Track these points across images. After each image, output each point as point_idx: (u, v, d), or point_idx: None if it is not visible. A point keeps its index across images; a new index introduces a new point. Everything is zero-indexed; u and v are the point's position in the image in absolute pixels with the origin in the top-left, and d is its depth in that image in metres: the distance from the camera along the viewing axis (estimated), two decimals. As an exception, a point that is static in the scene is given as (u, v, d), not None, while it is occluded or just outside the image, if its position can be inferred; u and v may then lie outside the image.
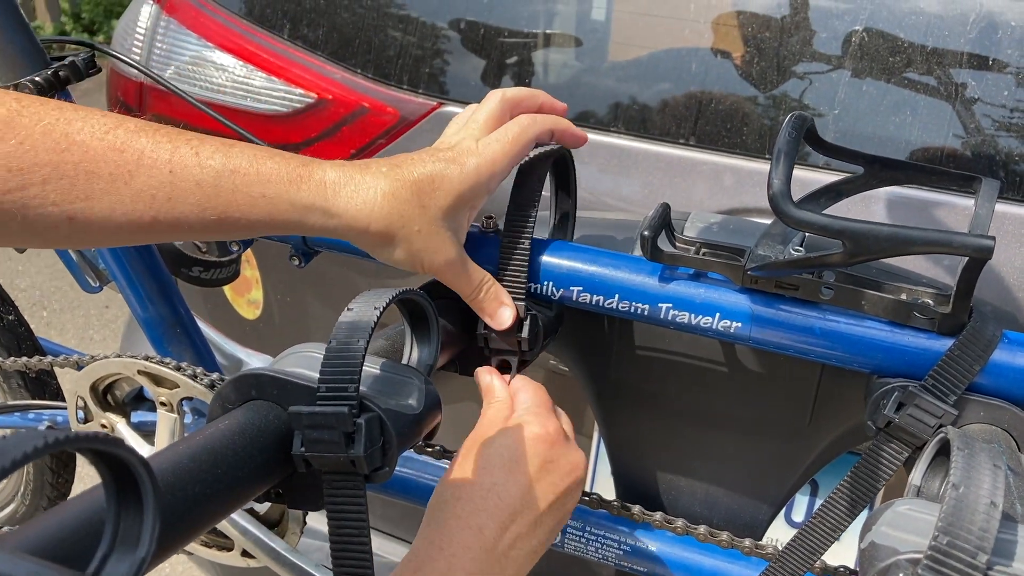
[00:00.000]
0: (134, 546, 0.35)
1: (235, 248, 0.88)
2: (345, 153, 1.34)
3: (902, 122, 1.09)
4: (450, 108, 1.28)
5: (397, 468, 0.94)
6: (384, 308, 0.53)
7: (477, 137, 0.69)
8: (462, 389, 1.43)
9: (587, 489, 1.40)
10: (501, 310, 0.71)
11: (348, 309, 0.53)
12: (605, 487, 1.38)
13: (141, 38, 1.44)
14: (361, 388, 0.51)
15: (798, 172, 1.05)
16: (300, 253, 0.81)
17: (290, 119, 1.37)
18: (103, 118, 0.57)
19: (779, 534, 1.11)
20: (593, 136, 1.24)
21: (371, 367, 0.56)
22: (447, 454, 0.84)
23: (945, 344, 0.65)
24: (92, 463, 0.35)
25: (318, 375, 0.51)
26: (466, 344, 0.75)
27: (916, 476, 0.51)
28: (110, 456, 0.35)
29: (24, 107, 0.54)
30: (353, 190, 0.62)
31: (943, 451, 0.54)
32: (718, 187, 1.21)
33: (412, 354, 0.61)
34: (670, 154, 1.21)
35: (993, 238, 0.58)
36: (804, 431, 0.83)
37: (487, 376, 0.71)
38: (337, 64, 1.24)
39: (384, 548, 1.65)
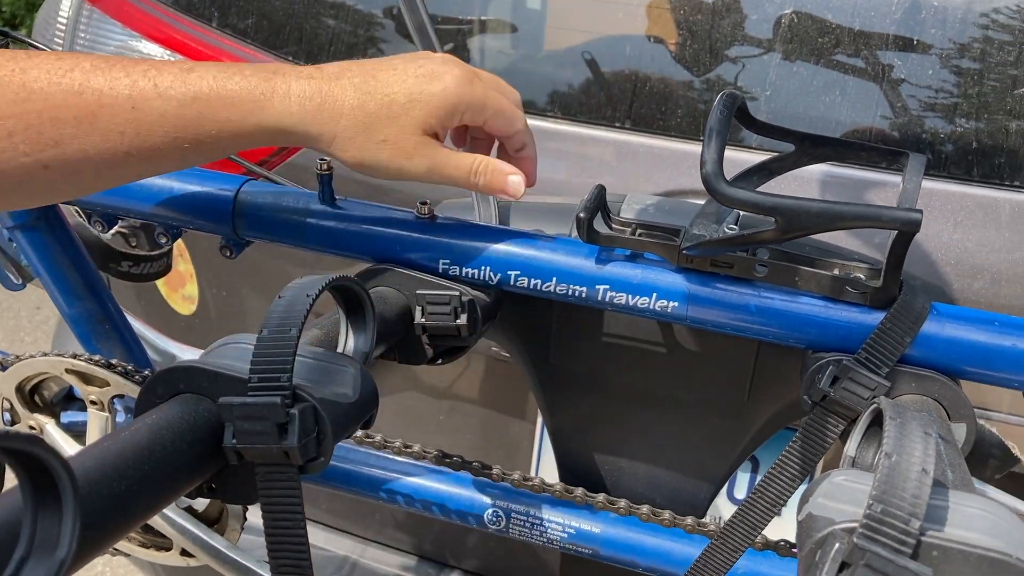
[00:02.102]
0: (53, 548, 0.33)
1: (164, 241, 0.86)
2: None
3: (833, 102, 1.11)
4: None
5: (339, 460, 0.93)
6: (316, 296, 0.52)
7: (475, 74, 0.68)
8: (405, 379, 1.42)
9: (531, 475, 1.41)
10: (508, 180, 0.70)
11: (279, 297, 0.52)
12: (550, 473, 1.38)
13: (63, 29, 1.40)
14: (294, 378, 0.50)
15: (734, 153, 1.06)
16: (231, 244, 0.79)
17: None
18: (58, 61, 0.57)
19: (722, 511, 1.12)
20: (530, 122, 1.23)
21: (305, 356, 0.55)
22: (388, 444, 0.83)
23: (877, 318, 0.66)
24: (8, 463, 0.34)
25: (249, 366, 0.50)
26: (405, 332, 0.74)
27: (851, 447, 0.52)
28: (26, 455, 0.33)
29: None
30: (319, 104, 0.62)
31: (876, 422, 0.55)
32: (655, 169, 1.22)
33: (348, 343, 0.60)
34: (606, 137, 1.21)
35: (920, 211, 0.59)
36: (742, 408, 0.83)
37: None
38: (268, 52, 1.22)
39: (332, 542, 1.64)
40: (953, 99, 1.05)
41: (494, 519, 0.89)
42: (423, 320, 0.72)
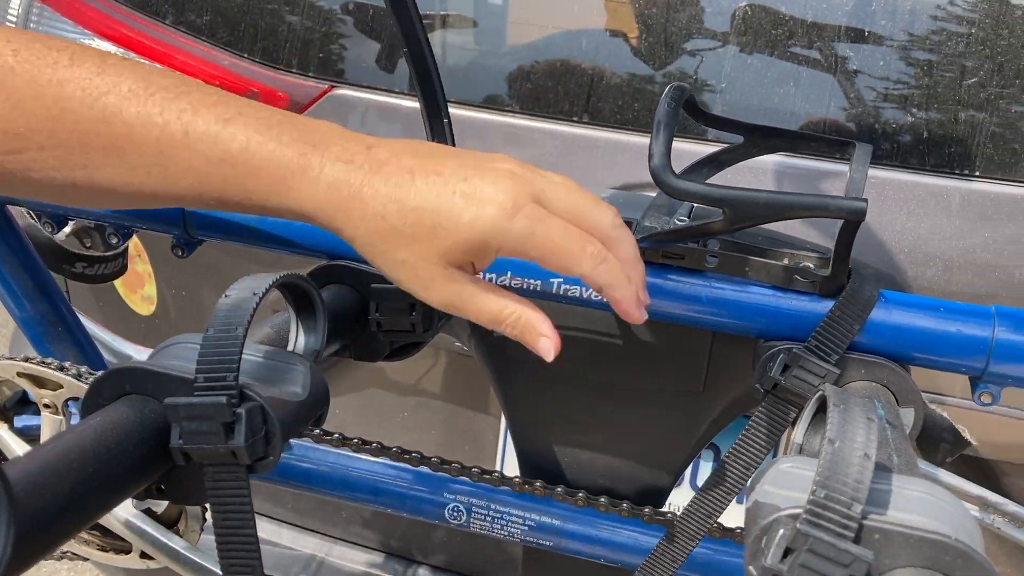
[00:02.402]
0: (-13, 552, 0.33)
1: (115, 241, 0.85)
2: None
3: (787, 94, 1.12)
4: (342, 91, 1.26)
5: (298, 458, 0.92)
6: (264, 294, 0.52)
7: (535, 198, 0.55)
8: (370, 376, 1.41)
9: (496, 468, 1.41)
10: (540, 342, 0.59)
11: (226, 296, 0.52)
12: (515, 468, 1.39)
13: (12, 26, 1.37)
14: (241, 377, 0.50)
15: (689, 146, 1.07)
16: (183, 244, 0.78)
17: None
18: (97, 77, 0.52)
19: (685, 500, 1.13)
20: (487, 116, 1.23)
21: (253, 355, 0.54)
22: (347, 442, 0.82)
23: (826, 306, 0.67)
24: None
25: (195, 365, 0.49)
26: (360, 328, 0.74)
27: (798, 434, 0.53)
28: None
29: (19, 62, 0.51)
30: (345, 198, 0.53)
31: (823, 408, 0.56)
32: (612, 163, 1.22)
33: (298, 340, 0.60)
34: (564, 132, 1.21)
35: (865, 200, 0.60)
36: (698, 398, 0.84)
37: None
38: (223, 49, 1.20)
39: (298, 541, 1.63)
40: (905, 90, 1.06)
41: (455, 514, 0.89)
42: (377, 316, 0.72)
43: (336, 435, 0.83)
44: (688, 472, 1.15)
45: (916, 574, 0.43)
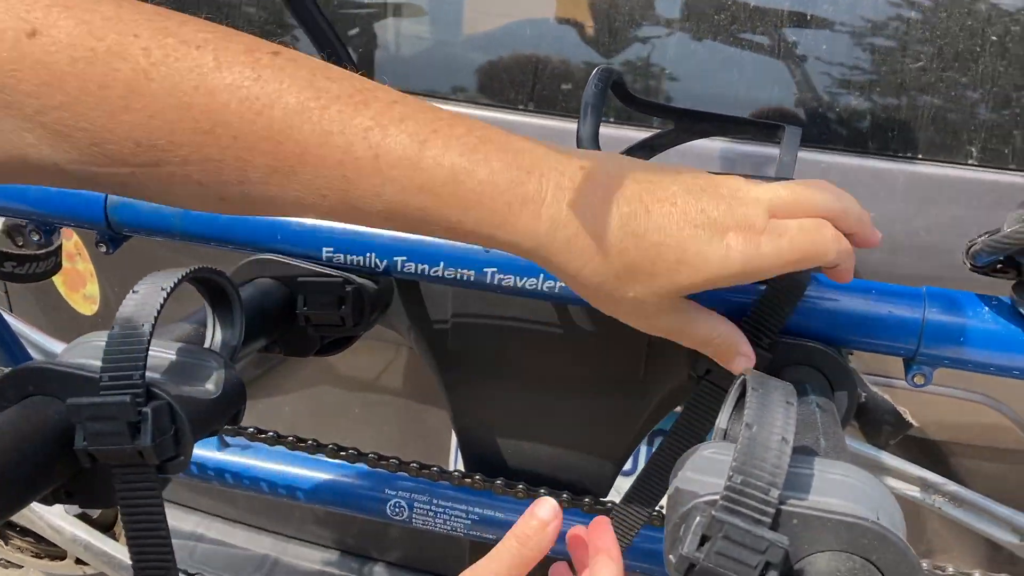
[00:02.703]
0: None
1: (37, 238, 0.82)
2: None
3: (731, 79, 1.12)
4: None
5: (237, 458, 0.91)
6: (172, 289, 0.50)
7: (768, 212, 0.51)
8: (319, 373, 1.40)
9: (450, 463, 1.40)
10: (736, 360, 0.58)
11: (133, 292, 0.50)
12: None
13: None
14: (150, 375, 0.48)
15: (633, 133, 1.06)
16: (107, 240, 0.76)
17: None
18: (254, 84, 0.44)
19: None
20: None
21: (164, 352, 0.53)
22: (281, 440, 0.81)
23: (759, 290, 0.67)
24: None
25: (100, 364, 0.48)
26: (289, 323, 0.72)
27: (722, 420, 0.52)
28: None
29: (153, 65, 0.43)
30: (573, 234, 0.48)
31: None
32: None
33: (215, 337, 0.58)
34: (511, 121, 1.20)
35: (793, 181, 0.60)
36: (639, 386, 0.84)
37: None
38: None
39: (252, 541, 1.61)
40: (848, 74, 1.06)
41: (397, 510, 0.88)
42: (305, 311, 0.70)
43: (270, 433, 0.81)
44: (642, 459, 1.15)
45: (833, 558, 0.43)
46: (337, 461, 0.85)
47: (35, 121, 0.42)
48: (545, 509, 0.54)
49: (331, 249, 0.72)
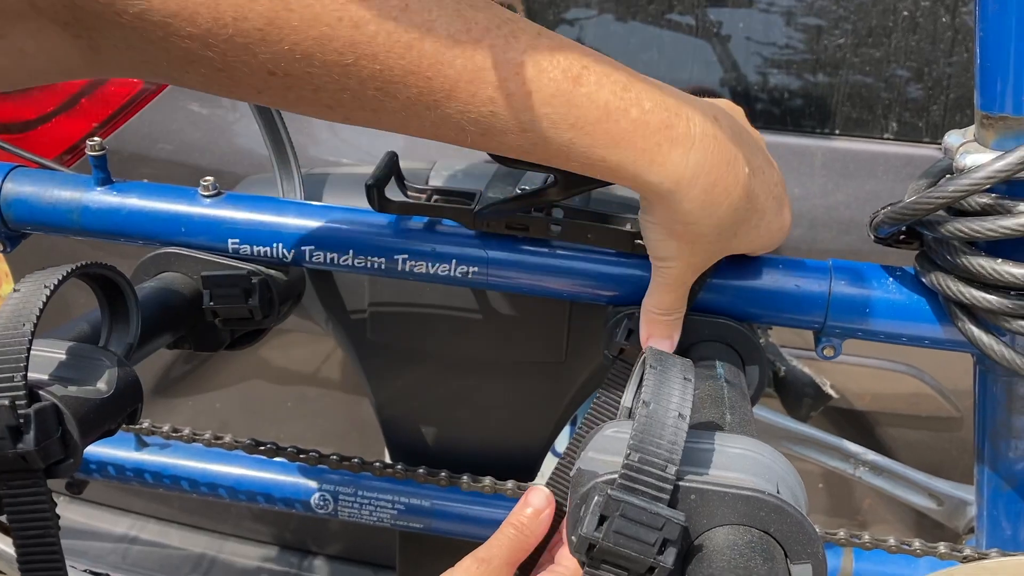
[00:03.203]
0: None
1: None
2: (87, 127, 1.24)
3: (651, 59, 1.12)
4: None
5: (154, 457, 0.88)
6: (56, 286, 0.48)
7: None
8: (249, 368, 1.37)
9: (385, 455, 1.39)
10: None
11: (15, 290, 0.48)
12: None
13: None
14: (35, 375, 0.46)
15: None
16: (2, 238, 0.73)
17: (21, 94, 1.25)
18: (403, 15, 0.42)
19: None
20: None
21: (52, 352, 0.51)
22: (197, 437, 0.79)
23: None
24: None
25: (-19, 366, 0.46)
26: (196, 318, 0.70)
27: (627, 398, 0.52)
28: None
29: None
30: (707, 186, 0.50)
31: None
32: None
33: (110, 335, 0.56)
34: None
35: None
36: (561, 368, 0.83)
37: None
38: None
39: (187, 540, 1.59)
40: (765, 52, 1.07)
41: (321, 503, 0.87)
42: (212, 304, 0.69)
43: (186, 431, 0.79)
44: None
45: (732, 531, 0.43)
46: (258, 457, 0.83)
47: (160, 47, 0.41)
48: (538, 498, 0.60)
49: (237, 241, 0.70)
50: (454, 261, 0.69)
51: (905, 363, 1.14)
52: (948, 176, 0.62)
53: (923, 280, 0.64)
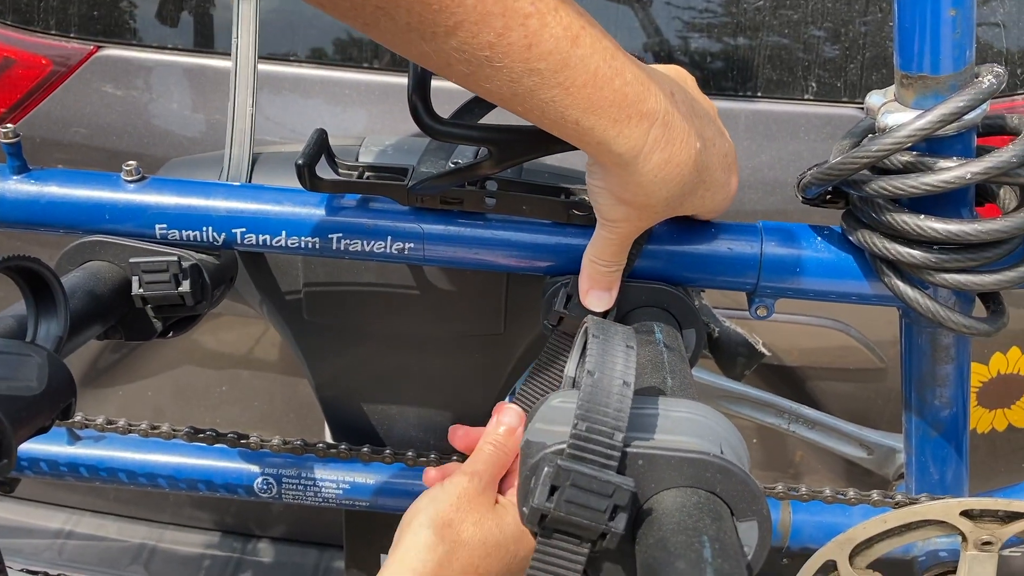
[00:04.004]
0: None
1: None
2: (-5, 112, 1.19)
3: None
4: (111, 51, 1.16)
5: (87, 450, 0.86)
6: (-23, 281, 0.46)
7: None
8: (178, 353, 1.34)
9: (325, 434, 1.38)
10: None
11: (-67, 288, 0.46)
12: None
13: None
14: (-41, 375, 0.45)
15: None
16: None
17: (-79, 81, 1.19)
18: None
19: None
20: (271, 68, 1.17)
21: (-24, 350, 0.49)
22: (133, 428, 0.77)
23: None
24: None
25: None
26: (125, 307, 0.69)
27: (570, 368, 0.52)
28: None
29: None
30: (662, 161, 0.52)
31: (592, 340, 0.56)
32: (391, 109, 1.18)
33: (38, 329, 0.54)
34: (359, 80, 1.17)
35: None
36: (500, 340, 0.84)
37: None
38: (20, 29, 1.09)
39: (124, 531, 1.56)
40: (686, 17, 1.08)
41: (264, 487, 0.86)
42: (141, 292, 0.67)
43: (121, 422, 0.77)
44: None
45: (679, 494, 0.44)
46: (196, 444, 0.82)
47: None
48: (510, 416, 0.64)
49: (164, 226, 0.69)
50: (389, 238, 0.69)
51: (832, 318, 1.17)
52: (871, 136, 0.63)
53: (850, 238, 0.66)
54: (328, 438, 0.93)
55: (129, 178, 0.69)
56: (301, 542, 1.56)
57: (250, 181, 0.79)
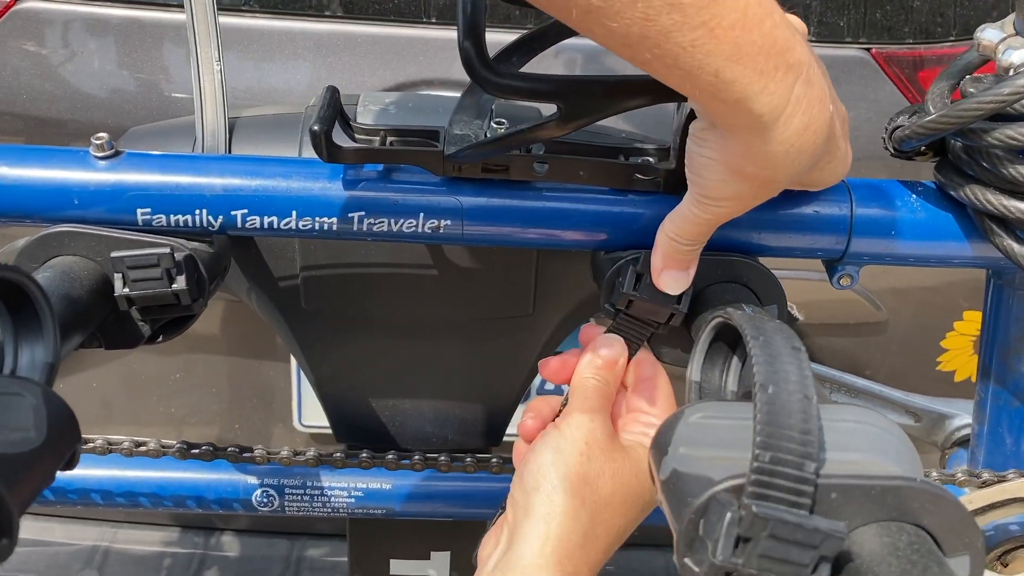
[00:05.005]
0: None
1: None
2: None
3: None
4: (30, 3, 1.02)
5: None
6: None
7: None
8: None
9: (295, 418, 1.27)
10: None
11: None
12: (315, 415, 1.25)
13: None
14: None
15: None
16: None
17: None
18: None
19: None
20: (230, 20, 1.04)
21: (-51, 393, 0.37)
22: (113, 448, 0.65)
23: (673, 204, 0.58)
24: None
25: None
26: (106, 309, 0.57)
27: (694, 371, 0.43)
28: None
29: None
30: (803, 126, 0.43)
31: (719, 337, 0.47)
32: (379, 62, 1.07)
33: (20, 357, 0.42)
34: (319, 31, 1.05)
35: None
36: (528, 322, 0.74)
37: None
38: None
39: (73, 534, 1.44)
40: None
41: (265, 500, 0.75)
42: (127, 292, 0.55)
43: (99, 441, 0.65)
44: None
45: (883, 531, 0.35)
46: (189, 459, 0.70)
47: None
48: (609, 346, 0.57)
49: (148, 210, 0.57)
50: (422, 215, 0.58)
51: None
52: (994, 77, 0.55)
53: (952, 194, 0.58)
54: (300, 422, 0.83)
55: (100, 154, 0.56)
56: (269, 533, 1.46)
57: (230, 151, 0.67)
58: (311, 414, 1.27)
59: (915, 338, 1.26)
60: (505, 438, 0.80)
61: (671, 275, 0.55)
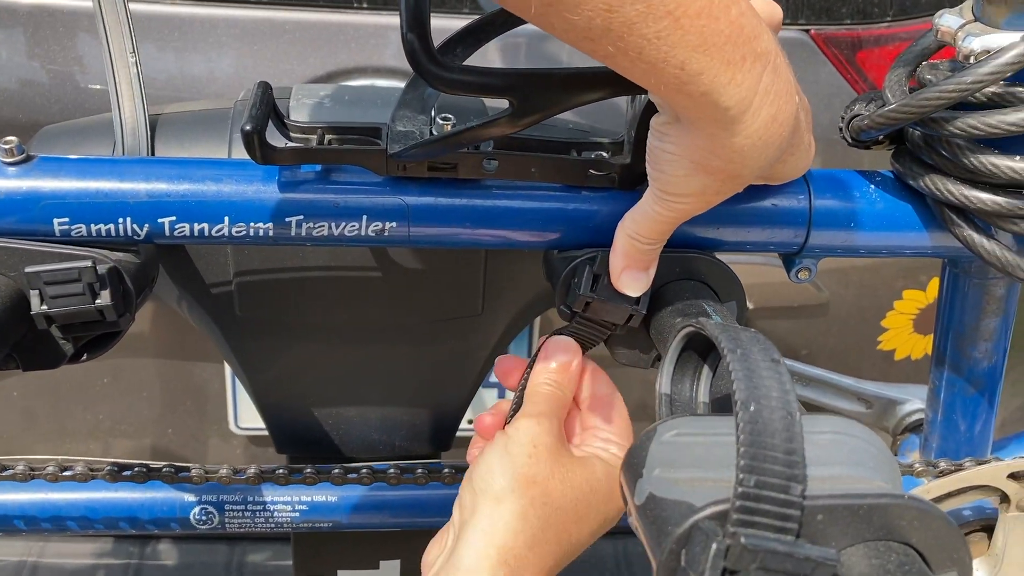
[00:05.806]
0: None
1: None
2: None
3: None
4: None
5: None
6: None
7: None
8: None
9: (230, 421, 1.22)
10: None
11: None
12: (251, 418, 1.21)
13: None
14: None
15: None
16: None
17: None
18: None
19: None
20: (144, 8, 0.99)
21: None
22: (37, 472, 0.61)
23: (629, 200, 0.56)
24: None
25: None
26: (22, 328, 0.52)
27: (664, 383, 0.41)
28: None
29: None
30: (770, 117, 0.41)
31: (689, 346, 0.45)
32: (308, 49, 1.03)
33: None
34: (243, 17, 1.01)
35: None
36: (477, 323, 0.71)
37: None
38: None
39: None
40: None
41: (204, 518, 0.71)
42: (45, 309, 0.51)
43: (20, 468, 0.61)
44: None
45: (871, 552, 0.34)
46: (123, 480, 0.66)
47: None
48: (561, 351, 0.56)
49: (66, 220, 0.52)
50: (364, 217, 0.55)
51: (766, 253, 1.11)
52: (953, 64, 0.54)
53: (910, 183, 0.57)
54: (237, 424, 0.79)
55: (9, 159, 0.52)
56: (208, 538, 1.41)
57: (153, 152, 0.63)
58: (247, 416, 1.23)
59: (856, 318, 1.27)
60: (459, 434, 0.78)
61: (631, 275, 0.52)
